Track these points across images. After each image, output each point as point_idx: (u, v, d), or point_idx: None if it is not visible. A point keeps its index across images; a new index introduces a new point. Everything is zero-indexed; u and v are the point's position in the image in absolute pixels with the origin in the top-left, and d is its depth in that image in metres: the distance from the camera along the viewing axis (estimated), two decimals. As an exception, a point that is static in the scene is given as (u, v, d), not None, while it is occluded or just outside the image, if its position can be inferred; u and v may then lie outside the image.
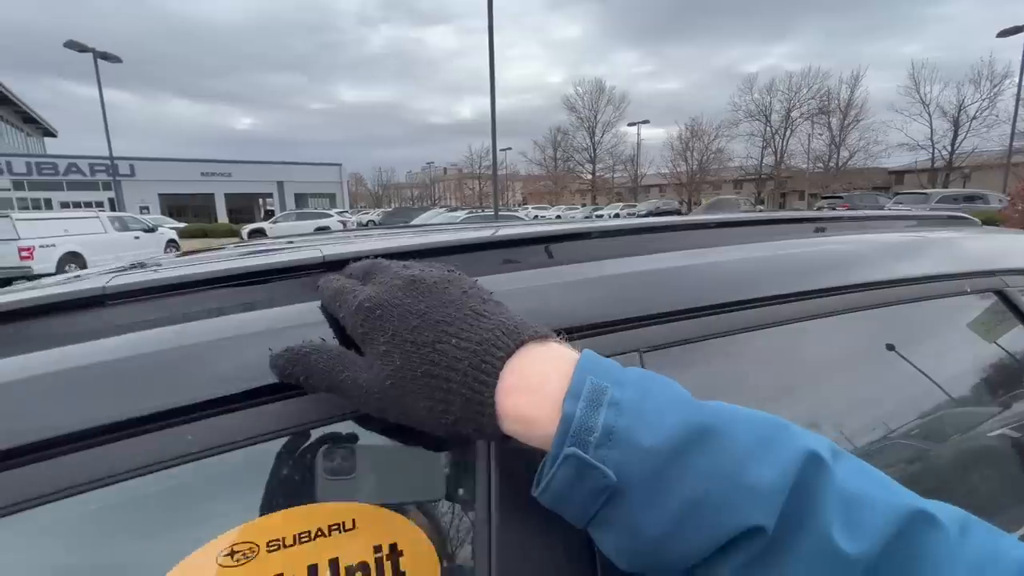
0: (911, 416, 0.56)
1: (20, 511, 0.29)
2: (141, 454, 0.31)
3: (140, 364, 0.34)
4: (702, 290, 0.45)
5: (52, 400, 0.31)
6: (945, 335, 0.64)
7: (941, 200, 16.09)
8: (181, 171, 34.57)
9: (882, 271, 0.58)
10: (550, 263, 0.46)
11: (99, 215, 12.87)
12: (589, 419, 0.28)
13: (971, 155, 35.01)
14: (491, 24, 13.62)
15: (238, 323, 0.39)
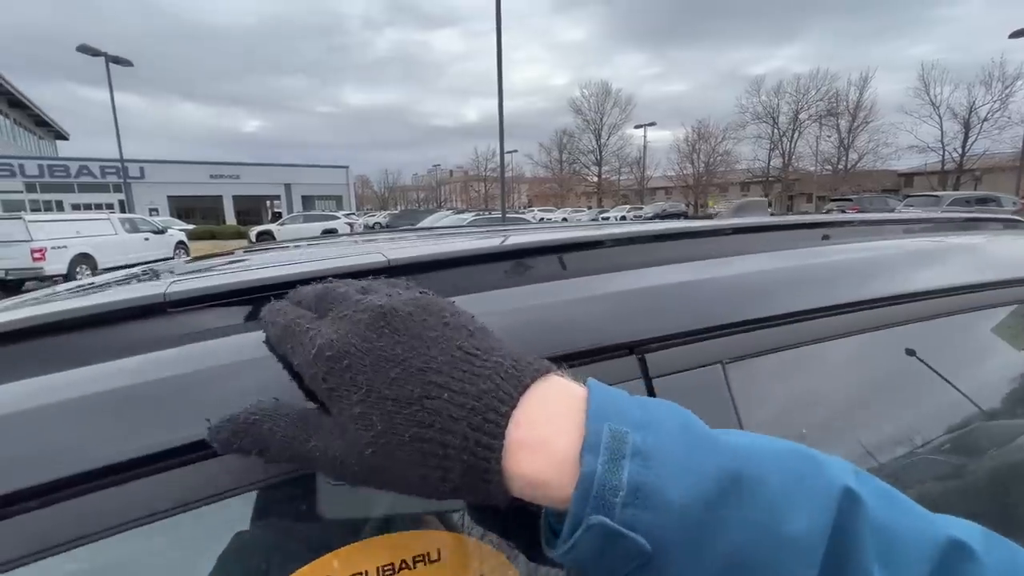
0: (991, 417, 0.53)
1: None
2: (215, 478, 0.29)
3: (204, 379, 0.32)
4: (788, 296, 0.43)
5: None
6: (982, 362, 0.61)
7: (953, 203, 15.90)
8: (190, 173, 34.90)
9: (968, 275, 0.56)
10: (619, 267, 0.43)
11: (110, 217, 12.99)
12: (612, 476, 0.24)
13: (982, 157, 34.75)
14: (499, 28, 13.65)
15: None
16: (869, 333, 0.45)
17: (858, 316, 0.45)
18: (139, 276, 0.71)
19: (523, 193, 63.45)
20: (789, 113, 41.22)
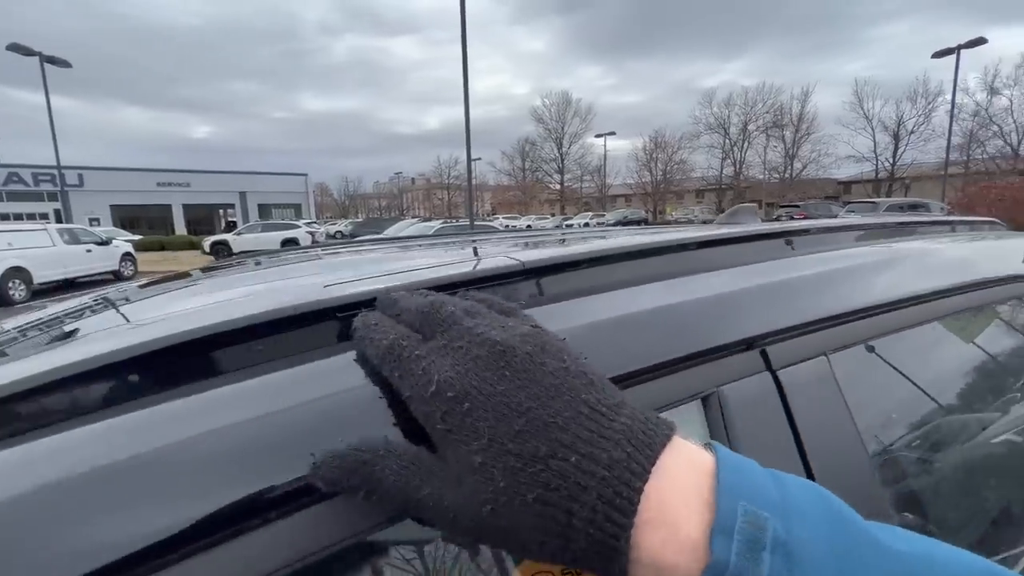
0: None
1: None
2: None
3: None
4: (879, 288, 0.47)
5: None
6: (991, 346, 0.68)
7: (888, 208, 17.17)
8: (135, 181, 32.95)
9: (964, 272, 0.62)
10: (721, 265, 0.46)
11: (47, 227, 12.08)
12: (748, 570, 0.21)
13: (910, 166, 37.84)
14: (464, 41, 13.72)
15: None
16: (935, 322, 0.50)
17: (925, 307, 0.49)
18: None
19: (487, 201, 63.58)
20: (739, 124, 43.39)
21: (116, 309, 0.57)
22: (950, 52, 19.34)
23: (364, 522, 0.28)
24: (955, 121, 21.54)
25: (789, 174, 41.75)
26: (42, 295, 11.35)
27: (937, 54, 19.80)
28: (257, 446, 0.27)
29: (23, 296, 10.69)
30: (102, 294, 0.76)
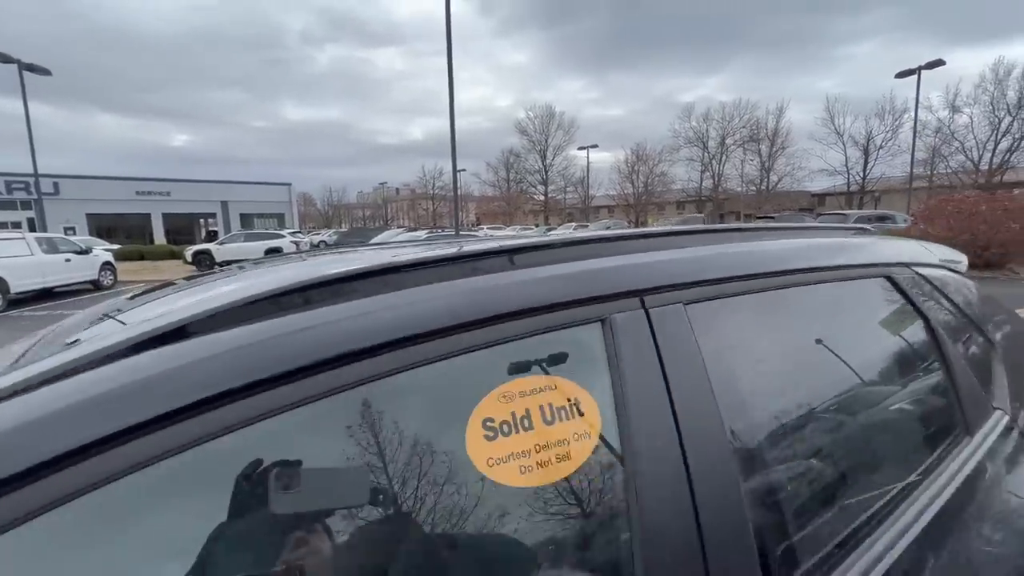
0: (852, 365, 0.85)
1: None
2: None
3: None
4: (726, 266, 0.71)
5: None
6: (861, 305, 0.95)
7: (857, 219, 17.96)
8: (113, 190, 32.35)
9: (826, 256, 0.88)
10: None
11: (24, 236, 11.91)
12: None
13: (880, 180, 39.46)
14: (450, 55, 14.05)
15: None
16: (776, 291, 0.75)
17: (768, 280, 0.74)
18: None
19: (472, 211, 63.83)
20: (717, 138, 44.69)
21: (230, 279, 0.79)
22: (911, 73, 20.41)
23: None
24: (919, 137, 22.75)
25: (766, 186, 43.07)
26: (19, 305, 11.16)
27: (900, 74, 20.84)
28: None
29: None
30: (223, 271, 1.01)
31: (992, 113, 32.15)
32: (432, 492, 0.44)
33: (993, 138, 32.52)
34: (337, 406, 0.43)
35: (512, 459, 0.46)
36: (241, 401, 0.39)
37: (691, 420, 0.54)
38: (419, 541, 0.44)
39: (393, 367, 0.44)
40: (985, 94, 32.09)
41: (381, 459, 0.43)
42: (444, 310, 0.48)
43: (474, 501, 0.45)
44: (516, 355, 0.52)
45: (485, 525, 0.44)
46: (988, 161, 32.86)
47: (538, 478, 0.47)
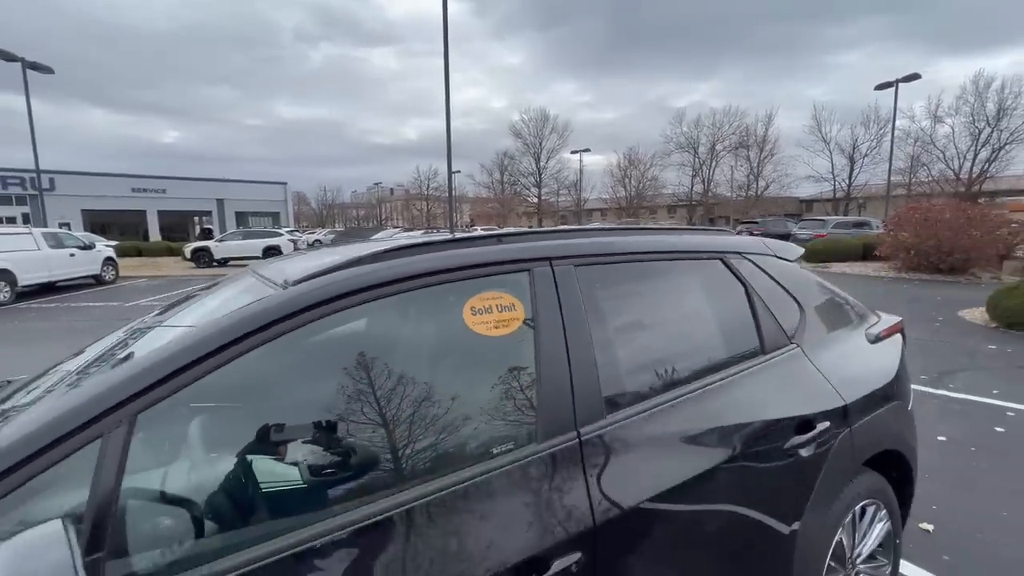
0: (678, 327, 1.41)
1: None
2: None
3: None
4: (603, 247, 1.26)
5: None
6: (698, 279, 1.50)
7: (836, 226, 18.74)
8: (109, 186, 32.51)
9: (676, 245, 1.44)
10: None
11: (31, 231, 12.28)
12: None
13: (865, 187, 40.54)
14: (447, 57, 14.56)
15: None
16: (640, 263, 1.30)
17: (631, 265, 1.29)
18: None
19: (466, 212, 64.30)
20: (707, 144, 45.60)
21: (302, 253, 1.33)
22: (890, 85, 21.24)
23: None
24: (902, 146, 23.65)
25: (755, 192, 44.03)
26: (25, 297, 11.53)
27: (879, 86, 21.66)
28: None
29: (7, 298, 10.87)
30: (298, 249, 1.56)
31: (972, 124, 33.25)
32: (446, 333, 1.01)
33: (973, 148, 33.63)
34: (416, 298, 0.98)
35: (482, 323, 1.01)
36: (382, 289, 0.94)
37: (571, 322, 1.09)
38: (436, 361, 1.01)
39: (441, 280, 1.00)
40: (966, 105, 33.20)
41: (433, 320, 1.01)
42: (467, 258, 1.05)
43: (462, 339, 1.01)
44: (488, 282, 1.06)
45: (469, 351, 1.01)
46: (968, 170, 33.93)
47: (495, 332, 1.02)
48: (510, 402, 1.01)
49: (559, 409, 1.00)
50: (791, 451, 1.29)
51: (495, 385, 1.03)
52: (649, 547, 1.01)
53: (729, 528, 1.17)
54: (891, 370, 1.71)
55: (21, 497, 0.60)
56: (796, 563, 1.32)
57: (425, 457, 0.90)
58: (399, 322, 1.07)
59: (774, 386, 1.38)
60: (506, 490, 0.89)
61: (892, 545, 1.72)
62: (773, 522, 1.25)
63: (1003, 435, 3.41)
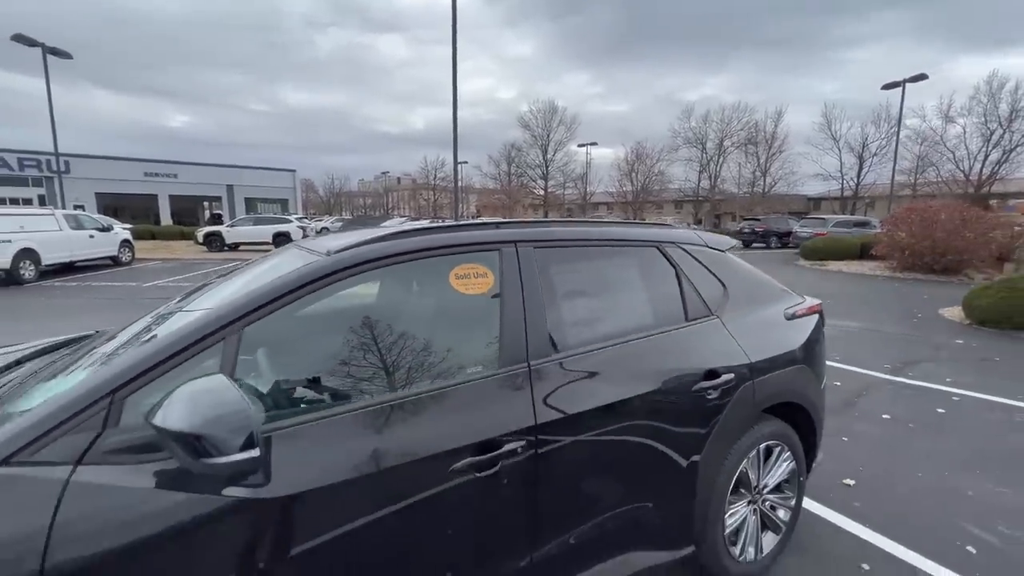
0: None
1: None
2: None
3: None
4: (561, 235, 1.66)
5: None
6: (636, 262, 1.89)
7: (836, 224, 18.96)
8: (122, 170, 33.13)
9: (619, 235, 1.85)
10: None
11: (54, 213, 12.80)
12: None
13: (874, 186, 40.42)
14: (455, 45, 14.83)
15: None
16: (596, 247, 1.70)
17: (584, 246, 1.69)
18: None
19: (472, 203, 64.56)
20: (715, 140, 45.52)
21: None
22: (897, 85, 21.27)
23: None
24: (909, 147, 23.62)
25: (762, 189, 43.99)
26: (48, 276, 12.08)
27: (886, 86, 21.69)
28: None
29: (32, 276, 11.41)
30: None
31: (984, 125, 33.01)
32: (437, 290, 1.44)
33: (984, 149, 33.43)
34: (417, 265, 1.41)
35: (463, 287, 1.42)
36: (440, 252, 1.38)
37: (528, 288, 1.49)
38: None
39: (434, 254, 1.42)
40: (979, 105, 32.92)
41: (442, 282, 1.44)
42: (453, 239, 1.46)
43: (449, 296, 1.43)
44: (468, 257, 1.46)
45: (453, 304, 1.44)
46: (978, 172, 33.75)
47: (472, 291, 1.43)
48: (481, 340, 1.42)
49: (515, 346, 1.41)
50: (698, 393, 1.70)
51: (471, 327, 1.43)
52: (573, 446, 1.42)
53: (641, 444, 1.58)
54: (799, 341, 2.11)
55: (187, 368, 1.01)
56: (700, 481, 1.73)
57: (424, 370, 1.32)
58: (405, 281, 1.47)
59: (691, 344, 1.78)
60: (476, 395, 1.31)
61: (797, 482, 2.13)
62: (679, 444, 1.66)
63: (942, 415, 3.80)
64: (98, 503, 0.88)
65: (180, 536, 0.92)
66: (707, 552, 1.84)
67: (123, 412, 0.96)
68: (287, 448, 1.03)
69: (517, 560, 1.36)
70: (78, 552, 0.84)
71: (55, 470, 0.88)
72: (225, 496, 0.95)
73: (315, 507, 1.05)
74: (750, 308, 2.05)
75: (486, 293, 1.45)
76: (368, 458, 1.13)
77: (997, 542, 2.27)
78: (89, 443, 0.92)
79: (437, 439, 1.21)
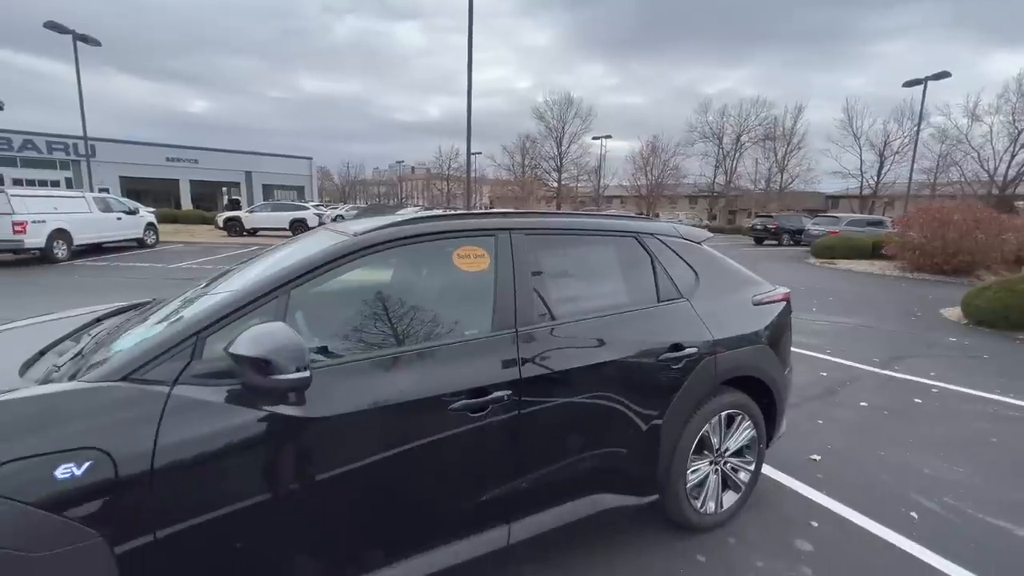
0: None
1: None
2: None
3: None
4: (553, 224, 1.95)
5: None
6: (615, 249, 2.17)
7: (849, 223, 18.88)
8: (145, 155, 33.98)
9: (601, 226, 2.13)
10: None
11: (85, 195, 13.37)
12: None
13: (895, 184, 39.66)
14: (471, 36, 14.99)
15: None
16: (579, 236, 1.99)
17: (568, 234, 1.97)
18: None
19: (485, 194, 64.74)
20: (732, 135, 45.01)
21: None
22: (918, 83, 20.93)
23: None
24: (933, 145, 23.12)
25: (778, 186, 43.46)
26: (78, 256, 12.68)
27: (907, 83, 21.35)
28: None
29: (64, 255, 11.99)
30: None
31: (1012, 124, 32.18)
32: (442, 267, 1.76)
33: (1011, 149, 32.61)
34: (426, 245, 1.71)
35: (464, 265, 1.72)
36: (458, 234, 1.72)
37: (519, 268, 1.77)
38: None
39: (440, 237, 1.72)
40: (1007, 103, 32.05)
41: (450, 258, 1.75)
42: (457, 225, 1.76)
43: (452, 271, 1.73)
44: (469, 240, 1.75)
45: (455, 278, 1.75)
46: (1004, 172, 32.98)
47: (471, 268, 1.73)
48: (478, 307, 1.72)
49: (505, 314, 1.70)
50: (663, 362, 1.99)
51: (470, 297, 1.74)
52: (551, 399, 1.72)
53: (611, 401, 1.87)
54: (763, 324, 2.38)
55: (251, 317, 1.34)
56: (663, 437, 2.03)
57: (430, 329, 1.64)
58: (416, 258, 1.78)
59: (660, 321, 2.07)
60: (472, 351, 1.61)
61: (757, 449, 2.41)
62: (644, 404, 1.95)
63: (918, 405, 4.03)
64: (189, 411, 1.20)
65: (242, 438, 1.24)
66: (670, 501, 2.14)
67: (204, 348, 1.28)
68: (324, 382, 1.35)
69: (503, 487, 1.67)
70: (179, 438, 1.17)
71: (160, 387, 1.21)
72: (273, 411, 1.27)
73: (343, 427, 1.37)
74: (719, 293, 2.33)
75: (483, 270, 1.75)
76: (384, 395, 1.44)
77: (939, 510, 2.53)
78: (181, 369, 1.24)
79: (439, 383, 1.52)
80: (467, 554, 1.61)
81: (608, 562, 2.07)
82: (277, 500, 1.29)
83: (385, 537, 1.49)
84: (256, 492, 1.27)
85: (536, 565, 2.02)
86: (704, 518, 2.26)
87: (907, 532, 2.33)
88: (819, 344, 5.79)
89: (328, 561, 1.42)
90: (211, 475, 1.21)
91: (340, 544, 1.43)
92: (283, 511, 1.31)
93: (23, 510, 1.02)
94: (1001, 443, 3.34)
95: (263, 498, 1.27)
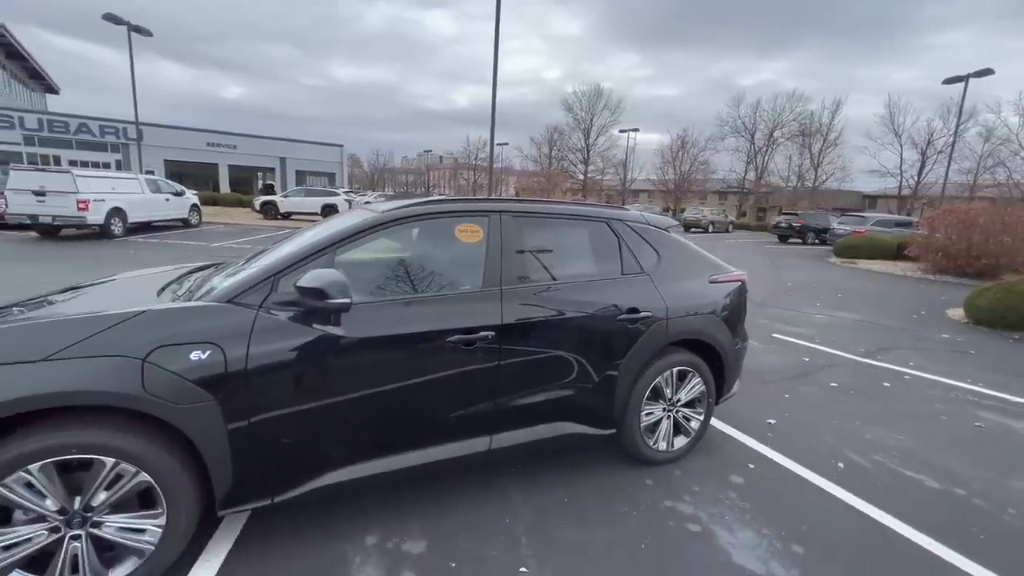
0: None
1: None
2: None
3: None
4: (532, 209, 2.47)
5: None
6: (587, 231, 2.66)
7: (876, 223, 18.63)
8: (188, 139, 35.74)
9: (576, 212, 2.64)
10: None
11: (138, 177, 14.50)
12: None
13: (935, 185, 38.17)
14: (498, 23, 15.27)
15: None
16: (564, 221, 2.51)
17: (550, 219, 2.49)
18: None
19: (511, 185, 65.12)
20: (765, 130, 44.02)
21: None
22: (959, 80, 20.27)
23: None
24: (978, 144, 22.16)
25: (812, 183, 42.37)
26: (131, 233, 13.81)
27: (947, 81, 20.71)
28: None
29: (120, 232, 13.10)
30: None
31: (1066, 124, 30.56)
32: (445, 238, 2.30)
33: (1063, 151, 31.02)
34: (435, 222, 2.27)
35: (463, 237, 2.26)
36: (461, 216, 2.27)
37: (506, 241, 2.29)
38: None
39: (446, 216, 2.28)
40: (1063, 102, 30.40)
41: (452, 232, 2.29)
42: (459, 207, 2.31)
43: (453, 242, 2.28)
44: (468, 218, 2.28)
45: (456, 248, 2.30)
46: (1054, 175, 31.43)
47: (468, 240, 2.27)
48: (472, 270, 2.26)
49: (493, 275, 2.24)
50: (621, 321, 2.50)
51: (467, 262, 2.29)
52: (525, 342, 2.25)
53: (576, 347, 2.38)
54: (716, 298, 2.86)
55: (307, 268, 1.93)
56: (620, 382, 2.54)
57: (434, 284, 2.20)
58: (426, 231, 2.34)
59: (622, 290, 2.57)
60: (464, 302, 2.16)
61: (706, 402, 2.89)
62: (604, 353, 2.47)
63: (885, 388, 4.39)
64: (269, 325, 1.79)
65: (301, 348, 1.83)
66: (626, 437, 2.66)
67: (279, 286, 1.87)
68: (359, 316, 1.92)
69: (486, 405, 2.22)
70: (264, 346, 1.76)
71: (251, 309, 1.80)
72: (324, 330, 1.85)
73: (372, 346, 1.94)
74: (677, 271, 2.81)
75: (478, 242, 2.30)
76: (401, 327, 2.01)
77: (866, 464, 2.97)
78: (264, 297, 1.83)
79: (440, 322, 2.08)
80: (461, 452, 2.18)
81: (571, 479, 2.61)
82: (323, 397, 1.87)
83: (404, 430, 2.07)
84: (308, 390, 1.85)
85: (513, 479, 2.57)
86: (657, 454, 2.77)
87: (829, 476, 2.78)
88: (810, 334, 6.13)
89: (367, 443, 2.00)
90: (281, 370, 1.80)
91: (372, 433, 2.01)
92: (328, 407, 1.89)
93: (170, 376, 1.62)
94: (949, 421, 3.71)
95: (314, 395, 1.86)
